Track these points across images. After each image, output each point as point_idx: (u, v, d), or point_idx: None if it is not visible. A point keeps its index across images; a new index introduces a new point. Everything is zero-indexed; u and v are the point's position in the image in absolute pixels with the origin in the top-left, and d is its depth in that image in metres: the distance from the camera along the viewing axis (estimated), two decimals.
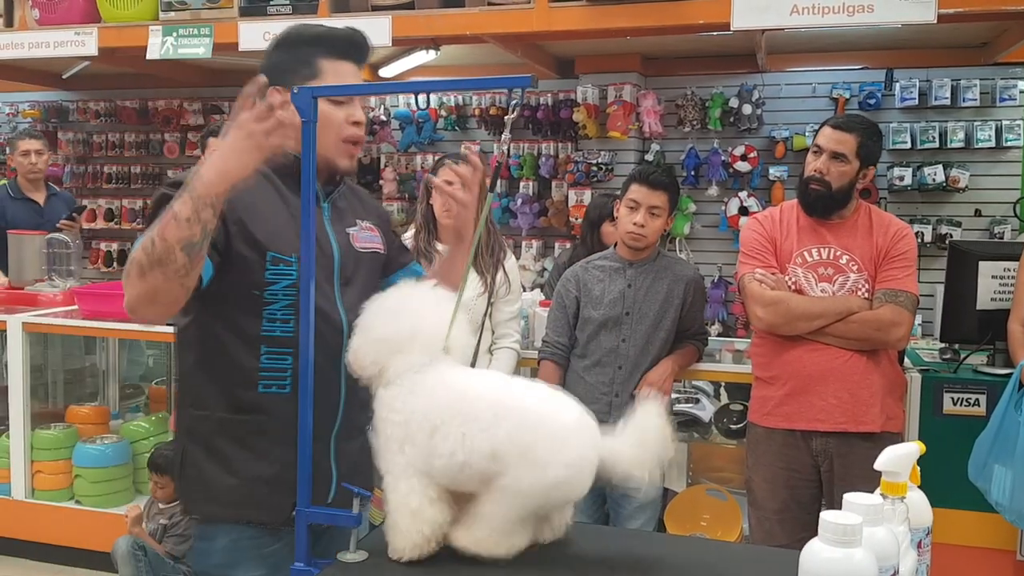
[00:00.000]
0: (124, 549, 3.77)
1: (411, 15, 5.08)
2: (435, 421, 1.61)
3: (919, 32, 5.47)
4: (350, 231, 2.07)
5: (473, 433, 1.58)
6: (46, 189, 5.67)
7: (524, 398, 1.64)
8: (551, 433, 1.58)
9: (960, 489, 3.06)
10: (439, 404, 1.62)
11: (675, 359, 3.44)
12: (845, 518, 1.23)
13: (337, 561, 1.68)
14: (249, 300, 1.93)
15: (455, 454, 1.58)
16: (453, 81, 1.94)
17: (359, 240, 2.08)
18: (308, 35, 2.03)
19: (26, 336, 4.33)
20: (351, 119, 2.00)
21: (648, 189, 3.35)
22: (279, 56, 2.03)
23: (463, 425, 1.59)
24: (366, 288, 2.00)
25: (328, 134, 1.95)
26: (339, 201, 2.09)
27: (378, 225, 2.17)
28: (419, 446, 1.61)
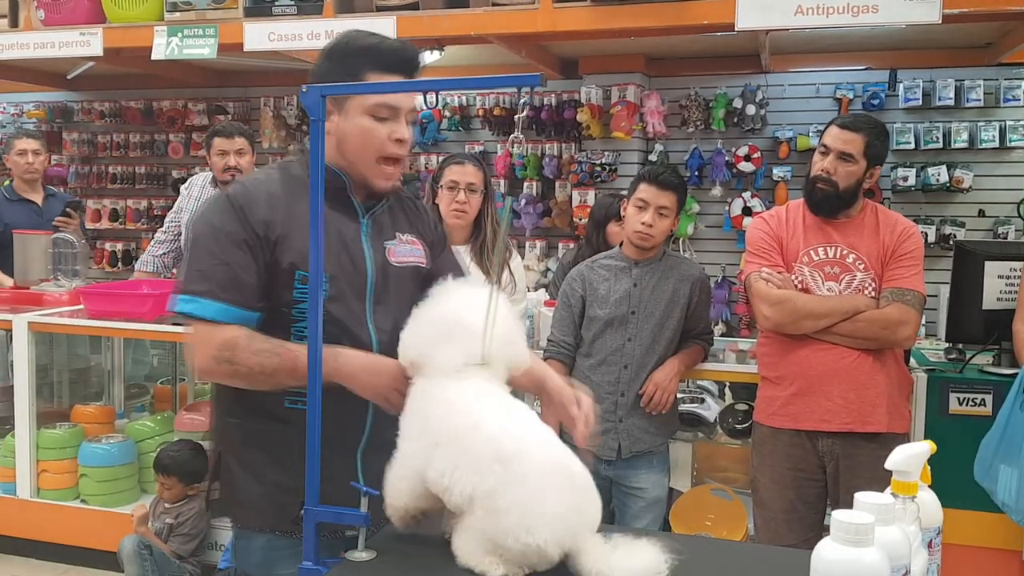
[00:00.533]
0: (130, 548, 3.78)
1: (415, 15, 5.09)
2: (441, 437, 1.60)
3: (923, 32, 5.47)
4: (387, 245, 2.04)
5: (465, 470, 1.56)
6: (44, 190, 5.51)
7: (531, 461, 1.56)
8: (529, 515, 1.51)
9: (966, 489, 3.06)
10: (450, 424, 1.61)
11: (681, 359, 3.44)
12: (857, 517, 1.23)
13: (345, 560, 1.68)
14: (278, 316, 1.93)
15: (444, 476, 1.58)
16: (462, 80, 1.94)
17: (395, 254, 2.04)
18: (357, 46, 1.96)
19: (32, 336, 4.34)
20: (394, 136, 1.95)
21: (657, 189, 3.35)
22: (328, 66, 1.98)
23: (459, 457, 1.57)
24: (401, 305, 1.97)
25: (368, 150, 1.94)
26: (381, 216, 2.06)
27: (423, 238, 2.13)
28: (424, 449, 1.62)
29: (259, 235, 1.90)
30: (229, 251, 1.88)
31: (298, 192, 1.94)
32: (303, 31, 5.25)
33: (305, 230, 1.90)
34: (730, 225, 6.54)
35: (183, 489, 3.93)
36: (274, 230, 1.91)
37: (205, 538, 3.99)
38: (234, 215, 1.91)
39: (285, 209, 1.93)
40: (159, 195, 8.20)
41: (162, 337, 4.44)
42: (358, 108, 1.92)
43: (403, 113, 1.97)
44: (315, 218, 1.72)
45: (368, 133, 1.92)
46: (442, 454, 1.59)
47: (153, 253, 4.99)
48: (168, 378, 5.31)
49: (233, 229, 1.89)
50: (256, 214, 1.91)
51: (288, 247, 1.91)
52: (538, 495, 1.52)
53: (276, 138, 7.63)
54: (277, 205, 1.93)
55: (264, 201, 1.94)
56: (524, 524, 1.51)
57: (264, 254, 1.91)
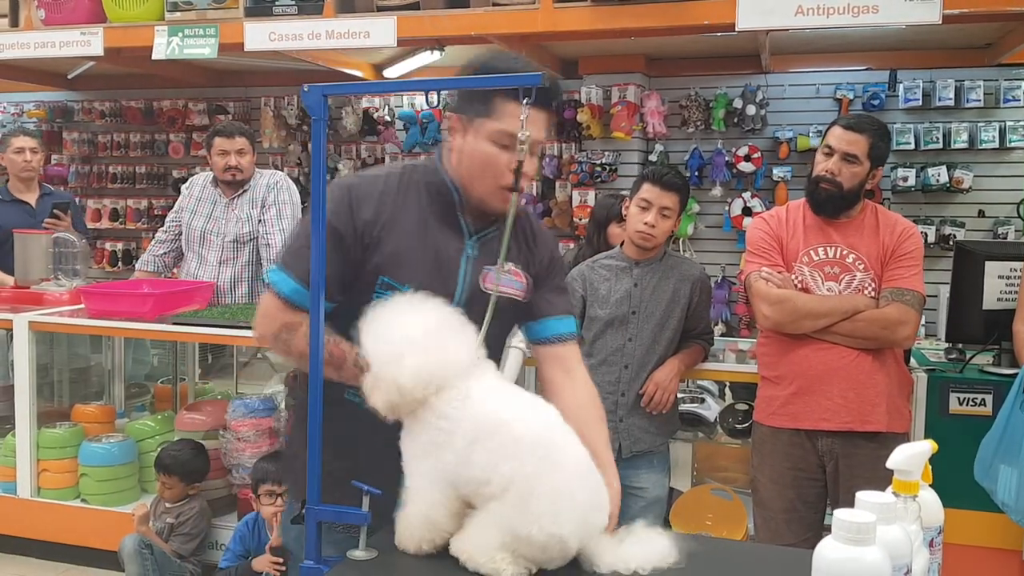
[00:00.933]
0: (131, 547, 3.78)
1: (416, 15, 5.09)
2: (478, 433, 1.60)
3: (923, 33, 5.48)
4: (487, 269, 2.00)
5: (506, 457, 1.58)
6: (40, 189, 5.43)
7: (569, 451, 1.64)
8: (561, 501, 1.57)
9: (966, 489, 3.06)
10: (487, 419, 1.62)
11: (681, 358, 3.44)
12: (859, 516, 1.23)
13: (347, 559, 1.68)
14: (356, 316, 1.89)
15: (484, 470, 1.59)
16: (463, 79, 1.90)
17: (488, 280, 1.99)
18: (493, 69, 1.88)
19: (32, 335, 4.34)
20: (512, 166, 1.87)
21: (661, 190, 3.36)
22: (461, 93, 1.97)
23: (501, 447, 1.59)
24: (485, 334, 1.94)
25: (485, 176, 1.91)
26: (491, 241, 2.02)
27: (527, 270, 2.08)
28: (456, 452, 1.61)
29: (357, 232, 1.92)
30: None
31: (410, 197, 1.96)
32: (304, 31, 5.25)
33: (403, 238, 1.93)
34: (730, 225, 6.55)
35: (184, 489, 3.93)
36: (372, 231, 1.92)
37: (206, 538, 3.99)
38: (344, 206, 1.92)
39: (390, 213, 1.94)
40: (159, 195, 8.21)
41: (162, 336, 4.44)
42: (482, 132, 1.89)
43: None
44: (317, 216, 1.73)
45: (488, 159, 1.89)
46: (480, 449, 1.59)
47: (154, 253, 4.99)
48: (168, 378, 5.31)
49: (334, 218, 1.88)
50: (362, 211, 1.93)
51: (379, 250, 1.92)
52: (573, 483, 1.60)
53: (276, 138, 7.63)
54: (384, 208, 1.94)
55: (375, 200, 1.95)
56: (555, 510, 1.55)
57: (355, 251, 1.92)
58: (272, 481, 3.58)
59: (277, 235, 4.70)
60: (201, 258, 4.80)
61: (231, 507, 4.17)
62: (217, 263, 4.76)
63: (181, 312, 4.29)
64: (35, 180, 5.43)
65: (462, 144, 1.94)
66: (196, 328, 4.10)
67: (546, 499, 1.56)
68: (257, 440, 4.01)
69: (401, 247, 1.93)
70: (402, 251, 1.93)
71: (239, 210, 4.75)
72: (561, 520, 1.56)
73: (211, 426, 4.25)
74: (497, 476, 1.58)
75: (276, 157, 7.76)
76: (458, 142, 1.96)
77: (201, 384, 5.43)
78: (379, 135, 7.50)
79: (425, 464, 1.65)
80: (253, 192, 4.78)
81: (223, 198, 4.79)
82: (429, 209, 1.98)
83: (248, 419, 4.03)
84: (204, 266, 4.79)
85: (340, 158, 7.57)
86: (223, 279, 4.75)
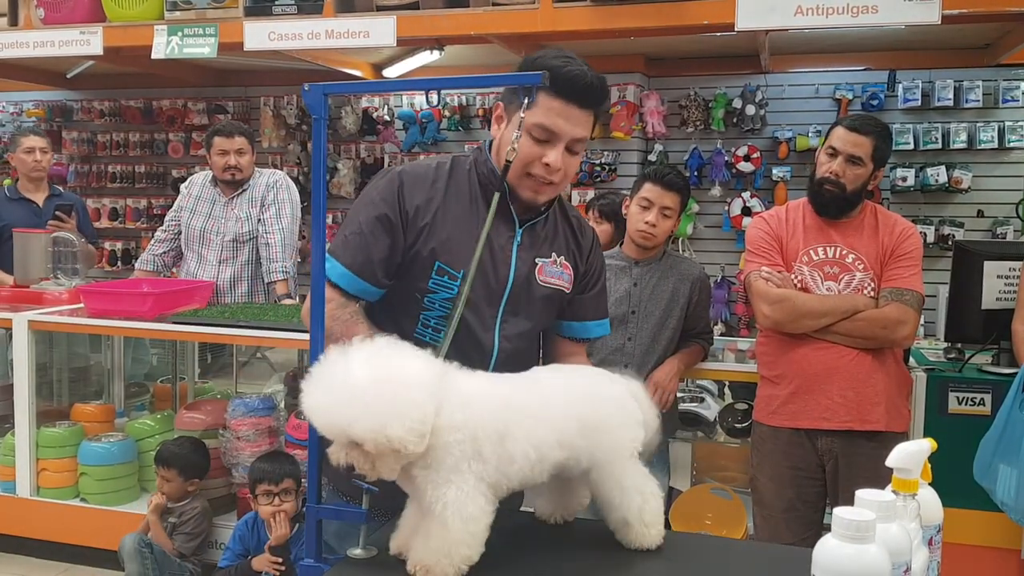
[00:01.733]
0: (130, 546, 3.78)
1: (416, 15, 5.09)
2: (500, 428, 1.57)
3: (922, 33, 5.48)
4: (539, 261, 2.03)
5: (537, 428, 1.59)
6: (48, 189, 5.47)
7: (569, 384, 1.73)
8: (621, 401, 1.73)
9: (965, 489, 3.06)
10: (496, 411, 1.58)
11: (681, 358, 3.45)
12: (859, 514, 1.23)
13: (347, 557, 1.68)
14: (410, 301, 1.95)
15: (528, 454, 1.58)
16: (464, 78, 1.93)
17: (543, 273, 2.03)
18: (539, 65, 1.87)
19: (32, 334, 4.33)
20: (544, 159, 1.91)
21: (662, 189, 3.36)
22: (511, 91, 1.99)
23: (525, 422, 1.59)
24: (531, 319, 2.03)
25: (517, 166, 1.92)
26: (540, 229, 2.05)
27: (575, 264, 2.11)
28: (489, 457, 1.56)
29: (407, 215, 1.94)
30: (372, 224, 1.93)
31: (461, 185, 2.00)
32: (303, 31, 5.25)
33: (454, 225, 1.95)
34: (729, 225, 6.56)
35: (183, 484, 3.93)
36: (423, 217, 1.94)
37: (207, 537, 3.99)
38: (392, 191, 1.95)
39: (441, 201, 1.97)
40: (159, 194, 8.22)
41: (162, 336, 4.44)
42: (516, 123, 1.89)
43: (564, 140, 1.91)
44: (318, 212, 1.73)
45: (520, 150, 1.90)
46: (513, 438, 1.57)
47: (153, 252, 5.00)
48: (168, 377, 5.31)
49: (383, 203, 1.93)
50: (413, 196, 1.95)
51: (432, 236, 1.94)
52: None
53: (276, 137, 7.64)
54: (435, 194, 1.97)
55: (427, 186, 1.97)
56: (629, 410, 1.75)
57: (406, 235, 1.94)
58: (269, 481, 3.58)
59: (276, 234, 4.71)
60: (200, 257, 4.81)
61: (231, 506, 4.17)
62: (216, 262, 4.77)
63: (180, 311, 4.29)
64: (44, 180, 5.46)
65: (502, 134, 1.99)
66: (196, 327, 4.10)
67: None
68: (257, 439, 4.01)
69: (454, 233, 1.95)
70: (455, 237, 1.95)
71: (238, 209, 4.75)
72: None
73: (211, 425, 4.25)
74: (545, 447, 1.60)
75: (275, 157, 7.77)
76: (499, 132, 2.00)
77: (200, 383, 5.43)
78: (378, 135, 7.51)
79: (465, 479, 1.54)
80: (252, 191, 4.78)
81: (222, 197, 4.79)
82: (479, 197, 2.00)
83: (248, 418, 4.03)
84: (203, 265, 4.79)
85: (340, 158, 7.57)
86: (222, 278, 4.76)
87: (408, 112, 7.32)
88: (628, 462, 1.71)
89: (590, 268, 2.17)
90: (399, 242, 1.94)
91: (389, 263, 1.94)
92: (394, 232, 1.93)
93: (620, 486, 1.69)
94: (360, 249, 1.93)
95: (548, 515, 1.87)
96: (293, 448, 3.90)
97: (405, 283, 1.97)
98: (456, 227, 1.96)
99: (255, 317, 4.08)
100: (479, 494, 1.54)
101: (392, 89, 7.42)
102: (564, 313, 2.15)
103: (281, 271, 4.70)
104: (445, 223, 1.95)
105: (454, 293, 1.93)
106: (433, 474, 1.53)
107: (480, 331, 1.96)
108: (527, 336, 2.06)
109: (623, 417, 1.72)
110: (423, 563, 1.53)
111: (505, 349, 1.99)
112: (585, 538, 1.78)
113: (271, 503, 3.58)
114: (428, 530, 1.54)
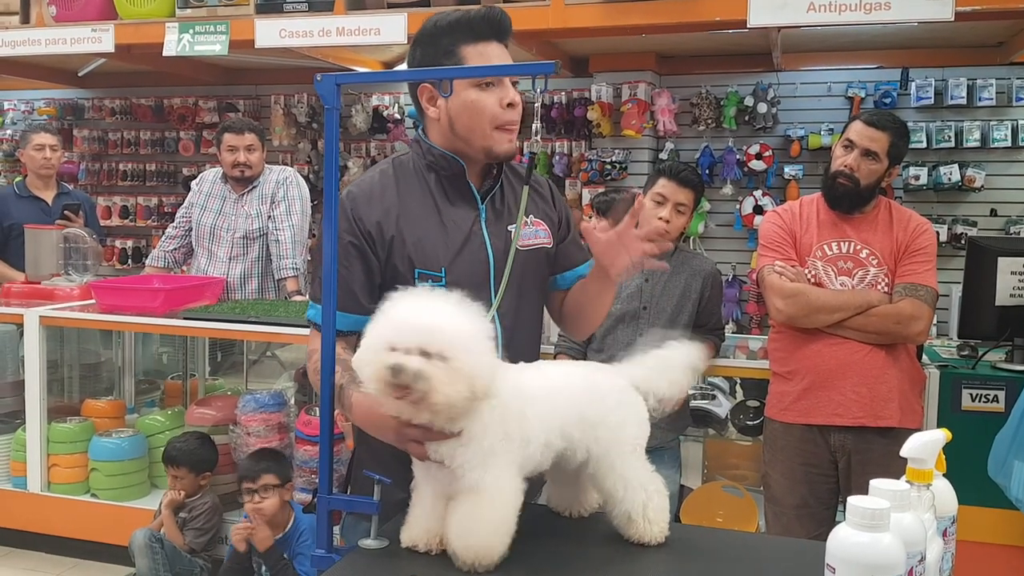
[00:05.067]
0: (141, 542, 3.78)
1: (426, 12, 5.07)
2: (521, 408, 1.58)
3: (935, 31, 5.46)
4: (512, 229, 1.99)
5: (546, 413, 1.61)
6: (57, 187, 5.48)
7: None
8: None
9: (979, 486, 3.04)
10: (517, 393, 1.60)
11: None
12: (873, 503, 1.22)
13: (358, 548, 1.68)
14: None
15: (540, 437, 1.59)
16: (476, 68, 1.90)
17: (521, 238, 1.99)
18: (444, 24, 1.91)
19: (43, 330, 4.35)
20: (504, 101, 1.90)
21: (677, 185, 3.34)
22: (422, 52, 1.96)
23: (538, 405, 1.60)
24: (524, 291, 2.00)
25: (480, 122, 1.90)
26: (497, 200, 2.03)
27: (547, 218, 2.09)
28: (515, 437, 1.57)
29: (370, 235, 1.90)
30: (339, 256, 1.85)
31: (411, 185, 1.96)
32: (314, 28, 5.27)
33: (419, 226, 1.92)
34: (741, 224, 6.54)
35: (195, 480, 3.93)
36: (387, 231, 1.91)
37: (217, 532, 3.99)
38: (347, 217, 1.90)
39: (398, 207, 1.93)
40: (170, 192, 8.24)
41: (173, 331, 4.45)
42: (462, 83, 1.89)
43: (506, 78, 1.92)
44: (329, 203, 1.73)
45: (478, 104, 1.89)
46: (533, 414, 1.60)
47: (164, 248, 5.01)
48: (178, 373, 5.32)
49: (344, 233, 1.89)
50: (368, 215, 1.91)
51: (404, 245, 1.91)
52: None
53: (286, 135, 7.65)
54: (389, 203, 1.93)
55: (377, 200, 1.93)
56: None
57: (378, 254, 1.91)
58: (247, 478, 3.58)
59: (287, 231, 4.71)
60: (211, 254, 4.81)
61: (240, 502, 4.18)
62: (227, 259, 4.77)
63: (191, 307, 4.30)
64: (53, 178, 5.47)
65: (445, 106, 1.92)
66: (206, 323, 4.10)
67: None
68: (267, 435, 4.01)
69: (422, 234, 1.92)
70: (424, 237, 1.92)
71: (249, 206, 4.76)
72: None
73: (221, 421, 4.25)
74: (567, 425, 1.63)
75: (286, 155, 7.77)
76: (439, 109, 1.94)
77: (211, 380, 5.44)
78: (388, 133, 7.51)
79: (499, 461, 1.55)
80: (263, 188, 4.78)
81: (232, 194, 4.80)
82: (434, 188, 1.97)
83: (258, 413, 4.03)
84: (214, 262, 4.80)
85: (350, 156, 7.58)
86: (233, 275, 4.76)
87: None
88: (630, 457, 1.71)
89: (561, 215, 2.14)
90: (372, 263, 1.91)
91: (370, 286, 1.91)
92: (364, 256, 1.90)
93: (623, 481, 1.69)
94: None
95: (563, 509, 1.86)
96: (303, 444, 3.90)
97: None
98: (421, 227, 1.92)
99: (266, 313, 4.08)
100: (512, 475, 1.56)
101: (403, 79, 7.42)
102: (555, 267, 2.12)
103: (291, 268, 4.71)
104: (411, 228, 1.92)
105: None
106: (471, 454, 1.54)
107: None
108: (527, 317, 2.02)
109: (622, 413, 1.71)
110: (472, 543, 1.54)
111: (507, 327, 1.94)
112: (599, 531, 1.77)
113: (251, 500, 3.57)
114: (468, 512, 1.54)
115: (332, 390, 1.76)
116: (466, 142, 1.93)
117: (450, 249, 1.92)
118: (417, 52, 1.97)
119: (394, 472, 1.73)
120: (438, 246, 1.92)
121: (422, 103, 1.98)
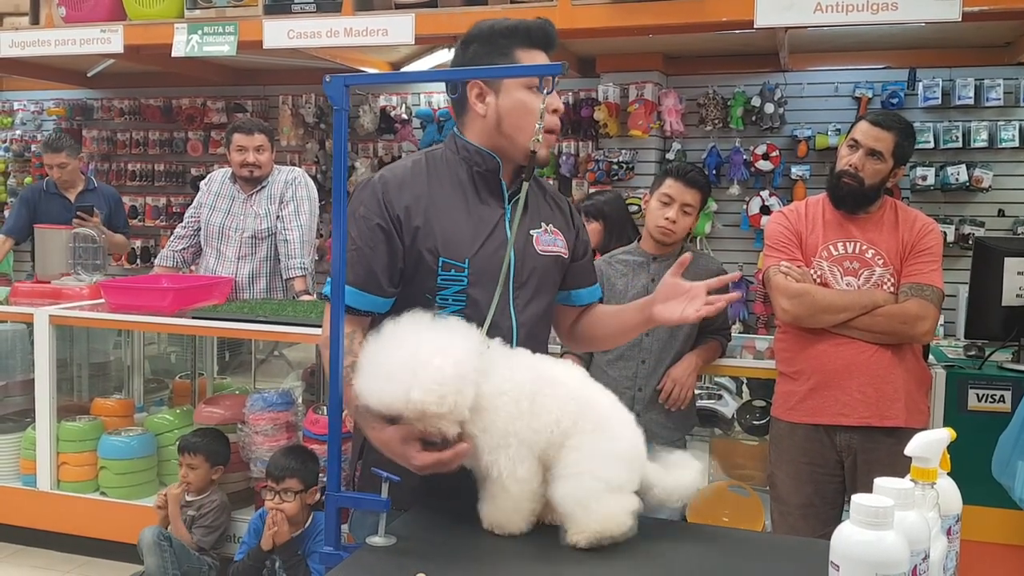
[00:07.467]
0: (150, 540, 3.79)
1: (434, 13, 5.11)
2: (534, 388, 1.70)
3: (942, 31, 5.46)
4: (533, 233, 2.05)
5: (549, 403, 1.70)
6: (83, 184, 5.85)
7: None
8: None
9: (984, 486, 3.04)
10: (530, 380, 1.71)
11: (699, 354, 3.44)
12: (877, 500, 1.23)
13: (366, 545, 1.69)
14: (422, 303, 1.92)
15: (552, 412, 1.68)
16: (483, 69, 1.93)
17: (540, 243, 2.06)
18: (502, 28, 2.00)
19: (52, 329, 4.37)
20: (550, 107, 1.95)
21: (684, 186, 3.35)
22: (476, 49, 2.01)
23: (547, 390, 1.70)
24: (540, 291, 2.05)
25: (529, 121, 1.94)
26: (525, 202, 2.05)
27: (565, 230, 2.15)
28: (525, 414, 1.68)
29: (399, 220, 1.93)
30: (366, 236, 1.93)
31: (442, 177, 2.00)
32: (322, 29, 5.29)
33: (447, 216, 1.96)
34: (748, 224, 6.54)
35: (208, 472, 3.93)
36: (415, 217, 1.94)
37: (225, 531, 4.01)
38: (377, 199, 1.94)
39: (427, 196, 1.97)
40: (178, 192, 8.26)
41: (182, 331, 4.47)
42: (514, 84, 1.96)
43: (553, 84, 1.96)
44: (338, 204, 1.74)
45: (527, 105, 1.95)
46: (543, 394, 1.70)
47: (173, 248, 5.03)
48: (187, 373, 5.34)
49: (373, 214, 1.93)
50: (398, 200, 1.95)
51: (430, 233, 1.94)
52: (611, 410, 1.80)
53: (294, 136, 7.67)
54: (420, 191, 1.97)
55: (408, 187, 1.97)
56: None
57: (403, 239, 1.94)
58: (273, 478, 3.58)
59: (295, 231, 4.73)
60: (219, 254, 4.83)
61: (249, 500, 4.19)
62: (235, 258, 4.79)
63: (200, 307, 4.32)
64: (72, 181, 5.84)
65: (495, 104, 1.98)
66: (215, 322, 4.12)
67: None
68: (274, 434, 4.02)
69: (449, 224, 1.95)
70: (451, 228, 1.95)
71: (257, 206, 4.78)
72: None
73: (229, 420, 4.26)
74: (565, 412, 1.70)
75: (294, 155, 7.79)
76: (488, 106, 1.99)
77: (219, 380, 5.46)
78: (396, 133, 7.52)
79: (509, 443, 1.68)
80: (271, 188, 4.80)
81: (241, 194, 4.82)
82: (465, 182, 2.01)
83: (266, 412, 4.04)
84: (222, 261, 4.82)
85: (358, 156, 7.59)
86: (241, 274, 4.78)
87: (426, 111, 7.33)
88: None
89: (578, 232, 2.20)
90: (397, 247, 1.94)
91: (392, 270, 1.94)
92: (390, 239, 1.93)
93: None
94: (359, 263, 1.92)
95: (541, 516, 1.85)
96: (311, 443, 3.91)
97: (413, 288, 1.96)
98: (449, 218, 1.96)
99: (274, 313, 4.10)
100: (525, 458, 1.68)
101: (412, 80, 7.44)
102: (567, 282, 2.17)
103: (299, 267, 4.73)
104: (439, 217, 1.95)
105: (464, 285, 1.94)
106: (488, 438, 1.68)
107: (496, 312, 1.95)
108: (541, 313, 2.06)
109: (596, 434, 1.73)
110: (497, 521, 1.72)
111: (523, 324, 1.99)
112: None
113: (272, 500, 3.58)
114: (493, 493, 1.71)
115: (341, 394, 1.77)
116: (511, 140, 1.98)
117: (475, 242, 1.96)
118: (470, 49, 2.01)
119: (402, 469, 1.75)
120: (464, 238, 1.95)
121: (470, 99, 2.02)
